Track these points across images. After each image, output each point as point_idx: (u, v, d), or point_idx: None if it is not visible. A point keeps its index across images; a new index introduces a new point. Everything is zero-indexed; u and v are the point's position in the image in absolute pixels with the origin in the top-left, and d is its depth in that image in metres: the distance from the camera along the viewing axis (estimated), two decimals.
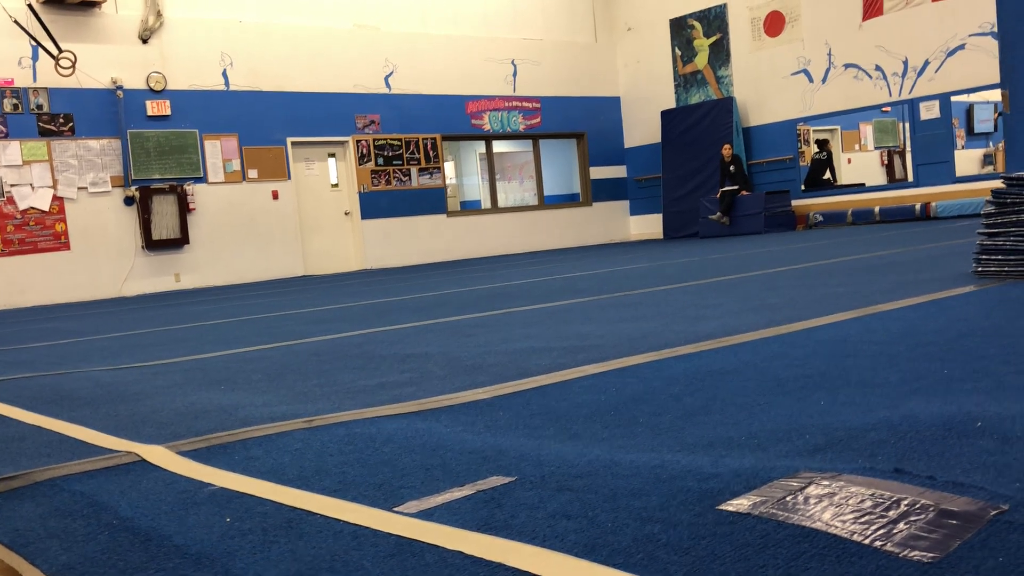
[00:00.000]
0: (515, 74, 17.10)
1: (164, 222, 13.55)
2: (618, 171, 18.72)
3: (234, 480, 1.74)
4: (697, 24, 17.02)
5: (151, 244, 13.41)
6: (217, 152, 14.00)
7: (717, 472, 1.42)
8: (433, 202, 15.95)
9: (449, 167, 19.05)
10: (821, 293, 4.53)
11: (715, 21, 16.71)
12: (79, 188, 12.88)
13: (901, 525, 1.07)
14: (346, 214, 15.12)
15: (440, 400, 2.45)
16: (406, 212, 15.57)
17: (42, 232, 12.59)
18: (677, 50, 17.47)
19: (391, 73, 15.54)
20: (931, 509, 1.11)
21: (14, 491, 1.82)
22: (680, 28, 17.35)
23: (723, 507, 1.23)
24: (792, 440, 1.64)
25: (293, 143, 14.61)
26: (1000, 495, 1.17)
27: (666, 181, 17.44)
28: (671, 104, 17.66)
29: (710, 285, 5.59)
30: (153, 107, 13.45)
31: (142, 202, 13.28)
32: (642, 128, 18.33)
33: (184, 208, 13.63)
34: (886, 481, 1.24)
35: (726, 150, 15.56)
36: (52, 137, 12.66)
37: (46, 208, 12.62)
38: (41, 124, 12.58)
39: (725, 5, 16.51)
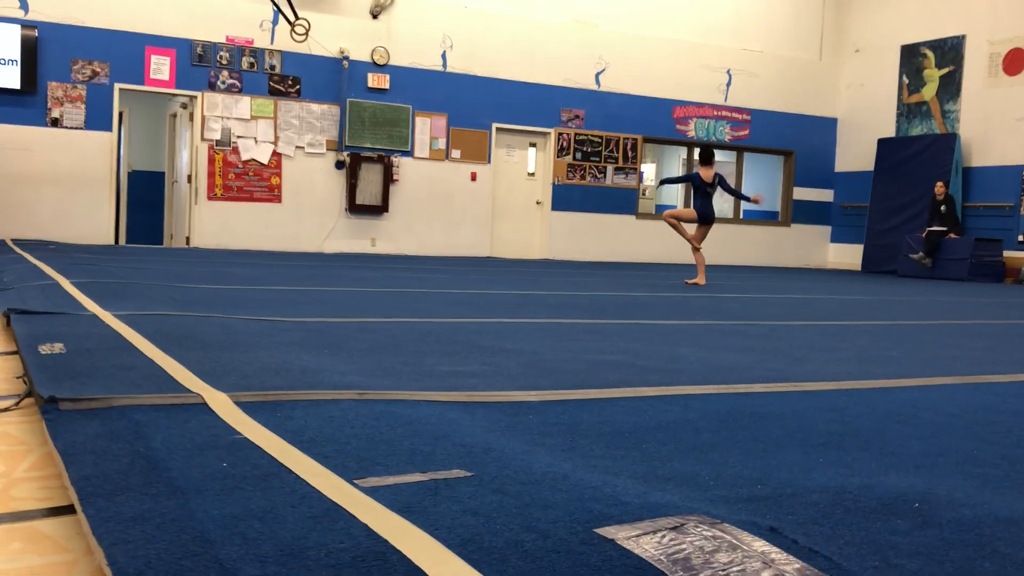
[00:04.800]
0: (729, 84, 16.90)
1: (368, 189, 14.36)
2: (824, 195, 18.15)
3: (258, 433, 2.00)
4: (930, 53, 16.22)
5: (354, 208, 14.27)
6: (426, 129, 14.69)
7: (632, 501, 1.54)
8: (624, 202, 16.06)
9: (650, 169, 19.10)
10: (951, 354, 4.38)
11: (950, 52, 15.86)
12: (296, 147, 13.88)
13: (719, 573, 1.18)
14: (537, 203, 15.50)
15: (491, 395, 2.64)
16: (596, 209, 15.78)
17: (259, 183, 13.67)
18: (905, 78, 16.71)
19: (603, 71, 15.74)
20: (758, 565, 1.20)
21: (92, 411, 2.16)
22: (911, 55, 16.58)
23: (598, 530, 1.36)
24: (740, 488, 1.72)
25: (498, 129, 15.11)
26: (842, 569, 1.24)
27: (872, 212, 16.78)
28: (890, 133, 16.93)
29: (849, 328, 5.47)
30: (374, 80, 14.26)
31: (351, 167, 14.14)
32: (856, 154, 17.67)
33: (388, 178, 14.39)
34: (752, 537, 1.33)
35: (939, 188, 14.78)
36: (279, 97, 13.70)
37: (265, 161, 13.68)
38: (271, 84, 13.64)
39: (964, 36, 15.64)
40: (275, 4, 13.27)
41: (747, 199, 9.93)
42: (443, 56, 14.70)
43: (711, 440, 2.22)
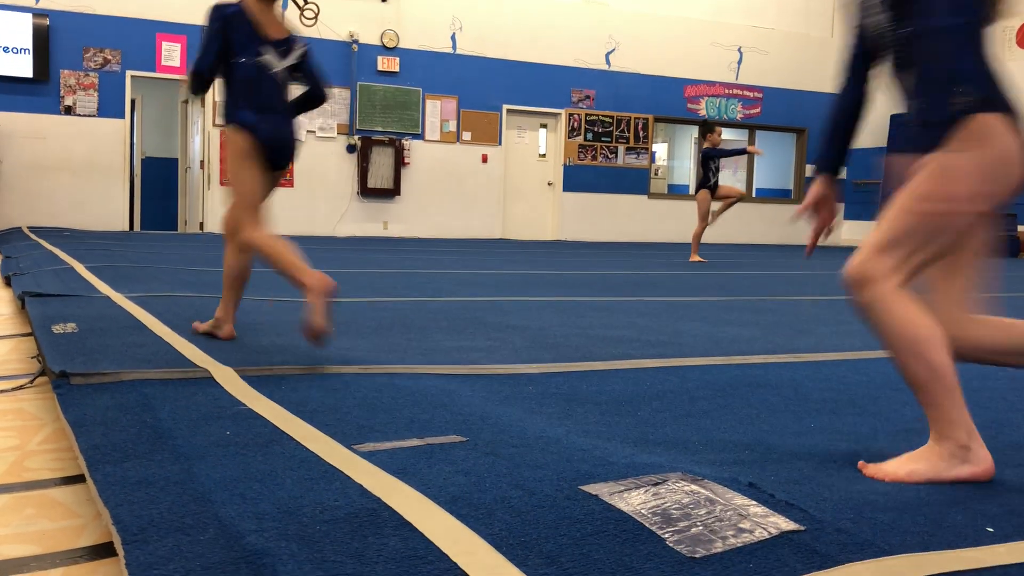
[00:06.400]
0: (740, 61, 16.83)
1: (380, 172, 14.39)
2: None
3: (262, 404, 2.06)
4: None
5: (366, 191, 14.31)
6: (437, 112, 14.69)
7: (619, 462, 1.59)
8: (636, 182, 16.05)
9: (662, 149, 19.06)
10: None
11: None
12: (308, 131, 13.92)
13: (697, 524, 1.23)
14: (548, 184, 15.51)
15: (493, 368, 2.69)
16: (607, 189, 15.77)
17: None
18: None
19: (613, 50, 15.70)
20: (734, 516, 1.25)
21: (103, 384, 2.22)
22: None
23: (583, 487, 1.41)
24: (728, 451, 1.77)
25: (508, 110, 15.10)
26: (814, 519, 1.29)
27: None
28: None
29: None
30: (383, 63, 14.27)
31: (362, 151, 14.17)
32: (868, 130, 17.48)
33: (399, 161, 14.42)
34: (730, 491, 1.38)
35: None
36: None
37: None
38: None
39: None
40: None
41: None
42: (452, 38, 14.69)
43: (705, 408, 2.26)
